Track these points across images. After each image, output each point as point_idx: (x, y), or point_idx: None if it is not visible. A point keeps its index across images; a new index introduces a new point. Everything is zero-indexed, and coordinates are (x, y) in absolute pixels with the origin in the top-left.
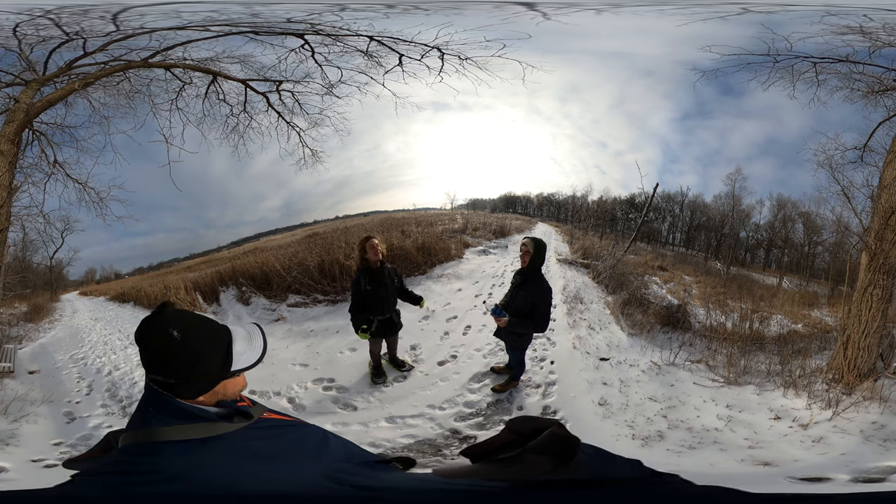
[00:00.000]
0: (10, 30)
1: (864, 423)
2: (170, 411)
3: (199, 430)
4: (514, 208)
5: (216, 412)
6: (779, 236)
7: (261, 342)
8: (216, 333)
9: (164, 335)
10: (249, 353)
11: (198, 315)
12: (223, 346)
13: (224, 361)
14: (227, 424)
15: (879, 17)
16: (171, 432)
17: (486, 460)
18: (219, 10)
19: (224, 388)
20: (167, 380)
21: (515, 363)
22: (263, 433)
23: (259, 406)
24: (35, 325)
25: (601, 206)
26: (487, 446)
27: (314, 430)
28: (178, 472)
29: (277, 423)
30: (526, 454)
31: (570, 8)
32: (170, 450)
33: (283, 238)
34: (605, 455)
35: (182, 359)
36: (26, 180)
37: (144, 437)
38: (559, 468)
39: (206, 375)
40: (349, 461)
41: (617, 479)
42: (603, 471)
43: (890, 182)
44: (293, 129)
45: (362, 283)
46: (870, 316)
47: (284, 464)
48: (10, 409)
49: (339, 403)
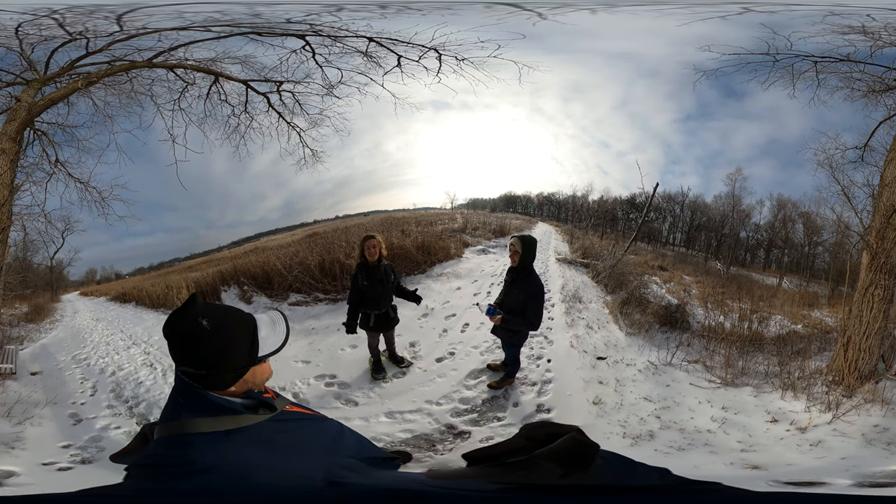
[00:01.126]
0: (12, 29)
1: (865, 427)
2: (199, 403)
3: (226, 422)
4: (514, 208)
5: (243, 403)
6: (779, 236)
7: (283, 328)
8: (243, 322)
9: (195, 325)
10: (273, 338)
11: (225, 305)
12: (249, 333)
13: (251, 348)
14: (252, 416)
15: (882, 16)
16: (201, 424)
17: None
18: (221, 11)
19: (253, 376)
20: (198, 371)
21: (511, 360)
22: (286, 426)
23: (282, 398)
24: (36, 325)
25: (601, 205)
26: (495, 450)
27: (332, 423)
28: (209, 464)
29: (299, 416)
30: (535, 459)
31: (565, 8)
32: (198, 442)
33: (284, 238)
34: (626, 462)
35: (213, 349)
36: (27, 179)
37: (176, 429)
38: (573, 474)
39: (236, 364)
40: (357, 456)
41: (639, 486)
42: (622, 478)
43: (891, 181)
44: (293, 130)
45: (360, 279)
46: (871, 316)
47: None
48: (13, 412)
49: (340, 399)
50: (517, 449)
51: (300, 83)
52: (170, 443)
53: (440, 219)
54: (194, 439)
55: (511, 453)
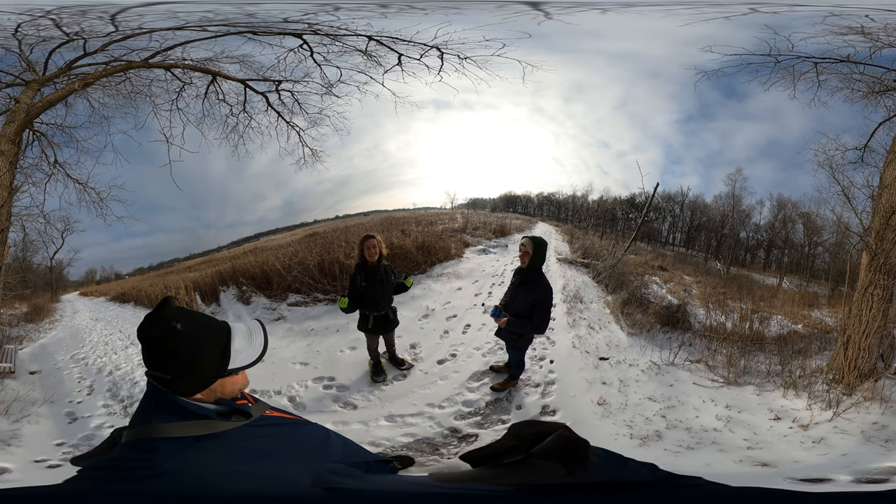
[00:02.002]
0: (11, 30)
1: (864, 424)
2: (170, 408)
3: (197, 428)
4: (514, 208)
5: (216, 410)
6: (779, 236)
7: (261, 340)
8: (215, 331)
9: (167, 329)
10: (249, 351)
11: (198, 312)
12: (221, 343)
13: (221, 359)
14: (226, 422)
15: (881, 17)
16: (171, 429)
17: (489, 465)
18: (213, 11)
19: (222, 387)
20: (165, 375)
21: (515, 362)
22: (263, 431)
23: (261, 404)
24: (35, 325)
25: (601, 205)
26: (490, 451)
27: (315, 428)
28: (172, 468)
29: (278, 422)
30: (533, 458)
31: (576, 7)
32: (165, 446)
33: (284, 238)
34: (617, 458)
35: (182, 354)
36: (27, 180)
37: (144, 433)
38: (574, 472)
39: (203, 373)
40: (345, 461)
41: (630, 482)
42: (616, 474)
43: (890, 182)
44: (293, 129)
45: (358, 280)
46: (870, 316)
47: (280, 463)
48: (11, 410)
49: (339, 402)
50: (511, 449)
51: (299, 82)
52: (136, 446)
53: (440, 218)
54: (161, 444)
55: (506, 453)
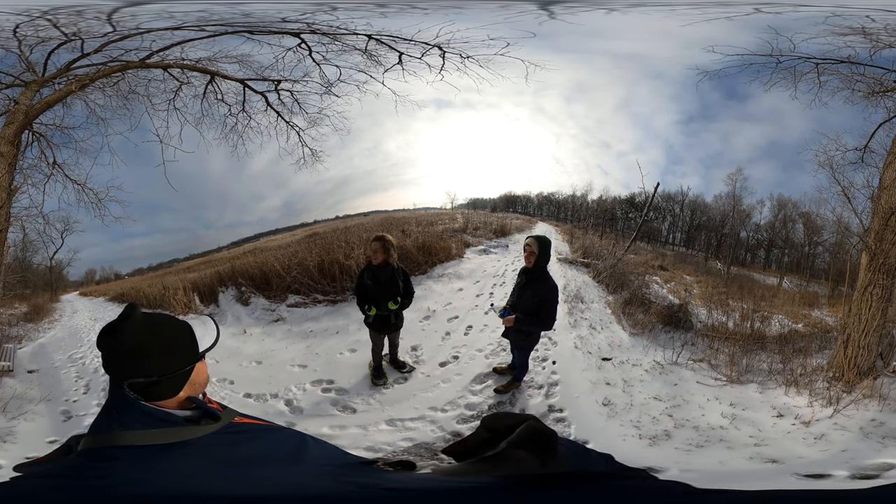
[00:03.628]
0: (10, 31)
1: (863, 421)
2: (134, 415)
3: (163, 435)
4: (514, 208)
5: (183, 416)
6: (779, 236)
7: (213, 325)
8: (179, 324)
9: (141, 335)
10: (208, 335)
11: (160, 313)
12: (188, 333)
13: (192, 346)
14: (194, 428)
15: (881, 18)
16: (134, 437)
17: (471, 459)
18: (207, 10)
19: (198, 376)
20: (150, 377)
21: (519, 364)
22: (234, 438)
23: (229, 410)
24: (35, 325)
25: (601, 205)
26: (467, 444)
27: (290, 433)
28: (131, 478)
29: (249, 428)
30: (509, 450)
31: (581, 6)
32: (126, 455)
33: (283, 238)
34: (581, 449)
35: (162, 353)
36: (26, 181)
37: (104, 441)
38: (547, 463)
39: (183, 365)
40: (332, 464)
41: (592, 473)
42: (580, 465)
43: (890, 183)
44: (292, 129)
45: (364, 278)
46: (870, 315)
47: (256, 469)
48: (8, 407)
49: (337, 405)
50: (485, 441)
51: (298, 82)
52: (92, 455)
53: (441, 219)
54: (122, 453)
55: (482, 446)
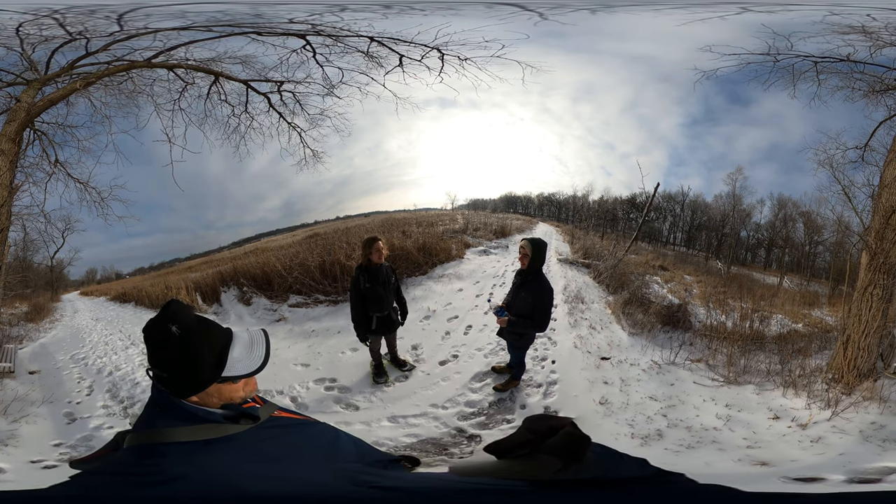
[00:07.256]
0: (12, 29)
1: (863, 424)
2: (176, 412)
3: (204, 432)
4: (514, 208)
5: (222, 414)
6: (779, 236)
7: (262, 353)
8: (213, 335)
9: (163, 330)
10: (247, 361)
11: (200, 316)
12: (217, 349)
13: (216, 365)
14: (233, 426)
15: (883, 16)
16: (177, 433)
17: (506, 457)
18: (223, 11)
19: (218, 392)
20: (161, 373)
21: (516, 363)
22: (273, 433)
23: (269, 405)
24: (36, 325)
25: (602, 205)
26: (505, 444)
27: (325, 428)
28: (179, 473)
29: (287, 423)
30: (537, 453)
31: (565, 8)
32: (173, 451)
33: (284, 238)
34: (614, 453)
35: (175, 355)
36: (27, 180)
37: (148, 437)
38: (570, 467)
39: (198, 376)
40: (361, 461)
41: (624, 477)
42: (611, 469)
43: (890, 181)
44: (294, 130)
45: (361, 281)
46: (870, 316)
47: (293, 464)
48: (9, 410)
49: (340, 403)
50: (525, 442)
51: (301, 83)
52: (141, 451)
53: (441, 219)
54: (168, 448)
55: (520, 446)
